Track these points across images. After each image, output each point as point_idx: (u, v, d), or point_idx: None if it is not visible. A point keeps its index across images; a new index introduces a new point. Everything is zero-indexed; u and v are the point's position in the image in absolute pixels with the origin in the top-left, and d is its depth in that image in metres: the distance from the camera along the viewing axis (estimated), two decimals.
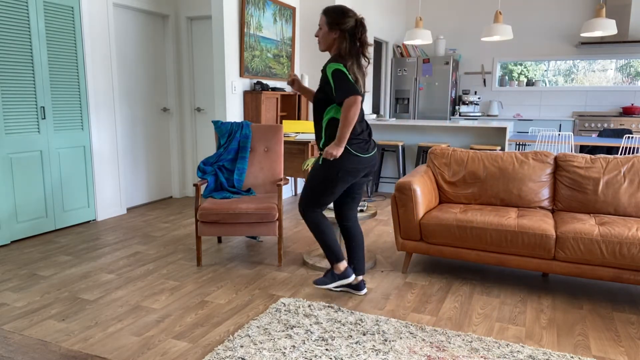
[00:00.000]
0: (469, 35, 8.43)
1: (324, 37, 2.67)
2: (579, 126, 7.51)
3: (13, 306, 2.73)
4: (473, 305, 2.79)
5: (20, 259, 3.53)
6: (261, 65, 5.23)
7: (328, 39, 2.67)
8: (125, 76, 5.04)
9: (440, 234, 3.08)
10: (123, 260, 3.52)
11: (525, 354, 2.22)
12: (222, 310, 2.69)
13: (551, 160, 3.34)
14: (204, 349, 2.27)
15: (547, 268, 2.87)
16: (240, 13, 4.81)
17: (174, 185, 5.76)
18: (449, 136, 5.74)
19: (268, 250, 3.77)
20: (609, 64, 7.76)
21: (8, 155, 3.86)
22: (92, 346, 2.29)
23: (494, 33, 5.40)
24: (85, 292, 2.93)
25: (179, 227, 4.42)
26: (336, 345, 2.29)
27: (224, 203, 3.32)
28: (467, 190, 3.46)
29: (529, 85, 8.21)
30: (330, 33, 2.64)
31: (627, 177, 3.12)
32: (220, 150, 3.78)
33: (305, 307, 2.70)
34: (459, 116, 8.27)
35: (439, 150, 3.63)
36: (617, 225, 2.77)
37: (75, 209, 4.46)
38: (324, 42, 2.69)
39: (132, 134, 5.16)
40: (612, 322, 2.59)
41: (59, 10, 4.14)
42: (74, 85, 4.34)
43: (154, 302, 2.79)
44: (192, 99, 5.64)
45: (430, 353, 2.22)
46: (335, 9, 2.64)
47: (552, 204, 3.33)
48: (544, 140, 5.58)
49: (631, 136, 5.31)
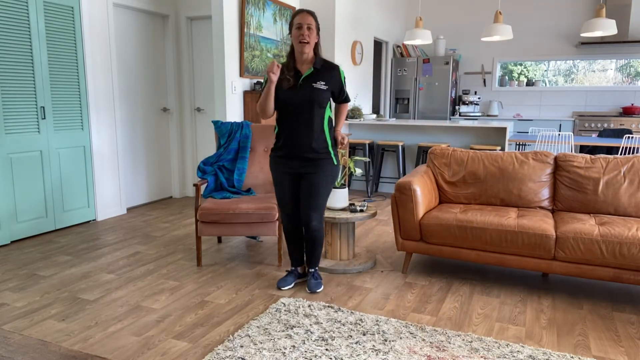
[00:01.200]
0: (469, 35, 8.43)
1: (314, 39, 2.74)
2: (579, 126, 7.51)
3: (13, 306, 2.73)
4: (473, 305, 2.79)
5: (20, 259, 3.53)
6: (261, 65, 5.23)
7: (314, 41, 2.75)
8: (125, 76, 5.04)
9: (440, 234, 3.08)
10: (123, 260, 3.52)
11: (525, 354, 2.22)
12: (222, 310, 2.69)
13: (551, 160, 3.34)
14: (204, 349, 2.27)
15: (547, 268, 2.87)
16: (240, 13, 4.81)
17: (174, 185, 5.76)
18: (449, 136, 5.74)
19: (268, 250, 3.77)
20: (609, 64, 7.76)
21: (8, 155, 3.87)
22: (92, 346, 2.29)
23: (494, 33, 5.40)
24: (85, 292, 2.93)
25: (179, 227, 4.42)
26: (336, 345, 2.29)
27: (224, 203, 3.32)
28: (467, 190, 3.46)
29: (529, 85, 8.21)
30: (317, 36, 2.77)
31: (627, 177, 3.12)
32: (220, 150, 3.78)
33: (305, 307, 2.70)
34: (459, 116, 8.27)
35: (439, 150, 3.63)
36: (617, 225, 2.77)
37: (75, 209, 4.46)
38: (312, 43, 2.74)
39: (132, 134, 5.16)
40: (612, 322, 2.59)
41: (59, 10, 4.14)
42: (74, 85, 4.34)
43: (154, 302, 2.79)
44: (192, 99, 5.64)
45: (430, 353, 2.22)
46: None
47: (552, 204, 3.33)
48: (544, 140, 5.58)
49: (631, 136, 5.31)
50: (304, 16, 2.69)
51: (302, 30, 2.68)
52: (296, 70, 2.77)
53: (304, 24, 2.68)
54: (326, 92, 2.75)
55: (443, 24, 8.58)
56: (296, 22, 2.69)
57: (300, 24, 2.68)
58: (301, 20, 2.68)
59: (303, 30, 2.68)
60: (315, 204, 2.81)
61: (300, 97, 2.72)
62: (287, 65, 2.78)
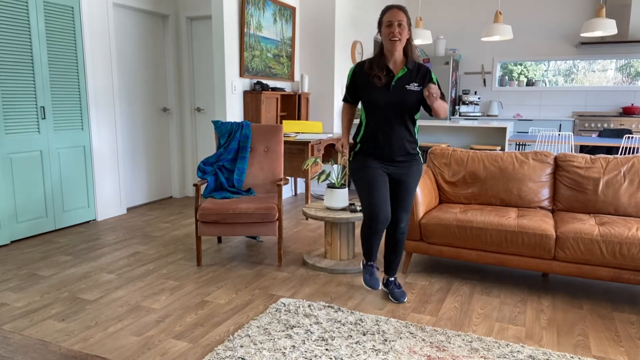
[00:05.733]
0: (469, 35, 8.43)
1: (405, 36, 2.59)
2: (579, 126, 7.50)
3: (13, 306, 2.73)
4: (473, 305, 2.79)
5: (20, 259, 3.53)
6: (261, 65, 5.22)
7: (405, 38, 2.60)
8: (125, 76, 5.04)
9: (440, 234, 3.08)
10: (123, 260, 3.52)
11: (525, 354, 2.22)
12: (222, 310, 2.69)
13: (551, 160, 3.34)
14: (204, 349, 2.27)
15: (547, 268, 2.87)
16: (240, 13, 4.81)
17: (174, 185, 5.76)
18: (449, 136, 5.74)
19: (268, 250, 3.77)
20: (609, 64, 7.75)
21: (8, 155, 3.86)
22: (92, 346, 2.29)
23: (494, 33, 5.40)
24: (85, 292, 2.93)
25: (179, 227, 4.42)
26: (336, 345, 2.29)
27: (224, 203, 3.32)
28: (467, 190, 3.46)
29: (529, 85, 8.20)
30: (409, 32, 2.61)
31: (627, 177, 3.12)
32: (220, 150, 3.78)
33: (305, 307, 2.70)
34: (459, 116, 8.26)
35: (439, 150, 3.63)
36: (617, 225, 2.77)
37: (75, 209, 4.45)
38: (404, 41, 2.60)
39: (132, 134, 5.16)
40: (612, 322, 2.59)
41: (59, 10, 4.14)
42: (74, 85, 4.34)
43: (154, 302, 2.79)
44: (192, 99, 5.64)
45: (430, 353, 2.22)
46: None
47: (552, 204, 3.33)
48: (544, 140, 5.58)
49: (631, 136, 5.31)
50: (395, 13, 2.55)
51: (392, 28, 2.54)
52: (388, 69, 2.63)
53: (394, 21, 2.54)
54: (419, 94, 2.63)
55: (443, 24, 8.57)
56: (386, 20, 2.57)
57: (391, 21, 2.55)
58: (391, 18, 2.55)
59: (393, 28, 2.54)
60: (406, 205, 2.75)
61: (393, 98, 2.61)
62: (378, 62, 2.64)
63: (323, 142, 5.03)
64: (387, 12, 2.58)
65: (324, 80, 6.01)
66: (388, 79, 2.63)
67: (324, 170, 3.57)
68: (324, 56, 5.93)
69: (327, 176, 3.47)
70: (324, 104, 6.05)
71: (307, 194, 4.78)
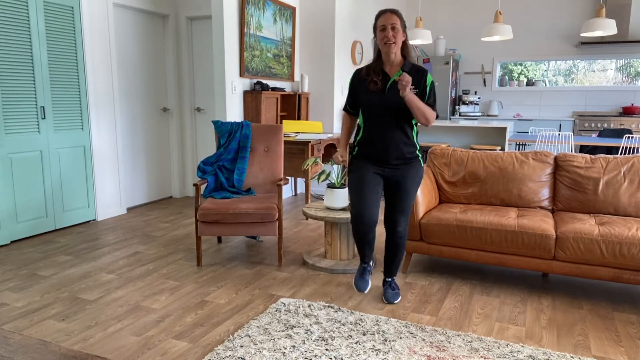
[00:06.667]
0: (469, 35, 8.43)
1: (400, 38, 2.59)
2: (579, 126, 7.50)
3: (13, 306, 2.73)
4: (473, 305, 2.79)
5: (20, 259, 3.53)
6: (261, 65, 5.22)
7: (400, 40, 2.60)
8: (125, 76, 5.04)
9: (440, 234, 3.08)
10: (123, 260, 3.52)
11: (525, 354, 2.22)
12: (222, 310, 2.69)
13: (551, 160, 3.34)
14: (204, 349, 2.27)
15: (547, 268, 2.87)
16: (240, 13, 4.81)
17: (174, 185, 5.76)
18: (449, 136, 5.74)
19: (268, 250, 3.77)
20: (609, 64, 7.75)
21: (8, 155, 3.86)
22: (92, 346, 2.29)
23: (494, 33, 5.40)
24: (85, 292, 2.93)
25: (179, 227, 4.42)
26: (336, 345, 2.29)
27: (224, 203, 3.32)
28: (467, 190, 3.46)
29: (529, 85, 8.20)
30: (404, 34, 2.62)
31: (627, 177, 3.12)
32: (220, 150, 3.78)
33: (305, 307, 2.70)
34: (459, 116, 8.26)
35: (439, 150, 3.63)
36: (617, 225, 2.77)
37: (75, 209, 4.45)
38: (399, 43, 2.60)
39: (132, 134, 5.16)
40: (612, 322, 2.59)
41: (59, 10, 4.14)
42: (74, 85, 4.34)
43: (154, 302, 2.79)
44: (192, 99, 5.64)
45: (430, 353, 2.22)
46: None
47: (552, 204, 3.33)
48: (544, 140, 5.58)
49: (631, 136, 5.31)
50: (388, 17, 2.56)
51: (386, 32, 2.55)
52: (384, 72, 2.64)
53: (387, 24, 2.55)
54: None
55: (443, 24, 8.57)
56: (380, 24, 2.58)
57: (384, 25, 2.56)
58: (385, 22, 2.56)
59: (387, 32, 2.55)
60: (402, 208, 2.73)
61: (388, 101, 2.60)
62: (375, 68, 2.66)
63: (323, 142, 5.03)
64: (381, 17, 2.60)
65: (324, 80, 6.01)
66: (384, 82, 2.64)
67: (324, 170, 3.57)
68: (324, 56, 5.93)
69: (327, 176, 3.47)
70: (324, 104, 6.05)
71: (307, 194, 4.78)
